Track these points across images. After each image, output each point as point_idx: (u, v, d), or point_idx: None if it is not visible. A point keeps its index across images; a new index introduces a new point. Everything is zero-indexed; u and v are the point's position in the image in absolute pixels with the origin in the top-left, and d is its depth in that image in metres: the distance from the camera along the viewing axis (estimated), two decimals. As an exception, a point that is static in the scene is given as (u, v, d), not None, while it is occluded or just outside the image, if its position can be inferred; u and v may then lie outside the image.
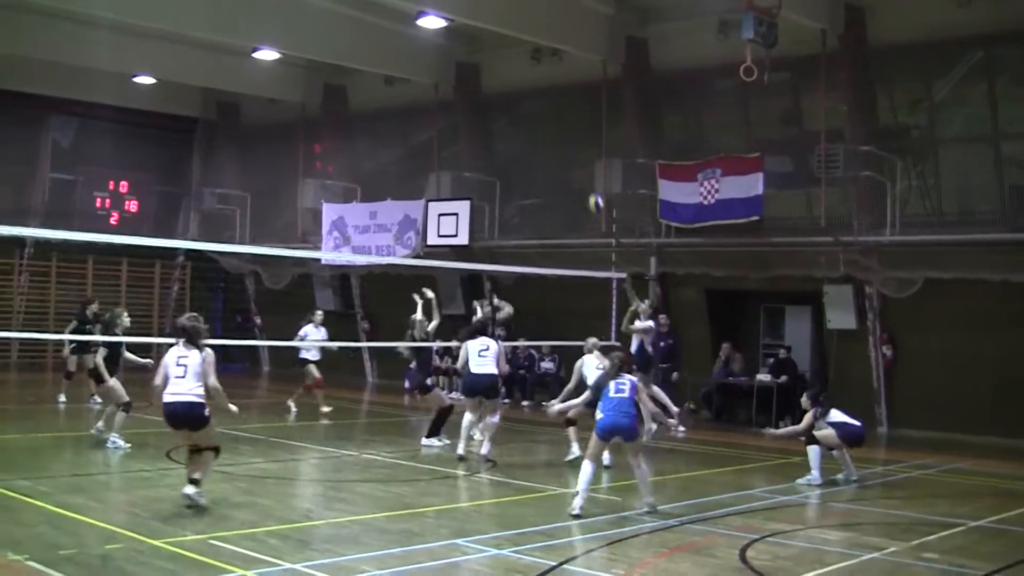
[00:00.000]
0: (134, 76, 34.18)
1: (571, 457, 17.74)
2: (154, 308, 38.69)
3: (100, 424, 19.09)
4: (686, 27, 27.07)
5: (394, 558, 10.92)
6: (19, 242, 34.77)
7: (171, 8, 26.41)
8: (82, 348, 23.81)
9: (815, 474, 16.74)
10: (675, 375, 25.11)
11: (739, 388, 26.26)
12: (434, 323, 20.51)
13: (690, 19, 26.74)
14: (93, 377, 22.69)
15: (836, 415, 17.09)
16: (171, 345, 13.38)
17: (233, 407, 13.33)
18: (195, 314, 13.97)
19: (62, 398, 24.78)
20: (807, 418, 17.05)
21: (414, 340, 20.34)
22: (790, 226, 25.60)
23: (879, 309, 24.70)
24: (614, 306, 24.72)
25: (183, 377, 12.93)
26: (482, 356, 18.24)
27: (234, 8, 27.12)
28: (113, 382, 18.50)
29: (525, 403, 28.80)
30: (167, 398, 12.95)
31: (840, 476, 17.11)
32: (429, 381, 20.55)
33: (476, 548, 11.47)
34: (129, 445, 17.73)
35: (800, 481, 16.71)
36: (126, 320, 19.24)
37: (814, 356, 26.72)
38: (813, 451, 16.84)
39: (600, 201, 25.89)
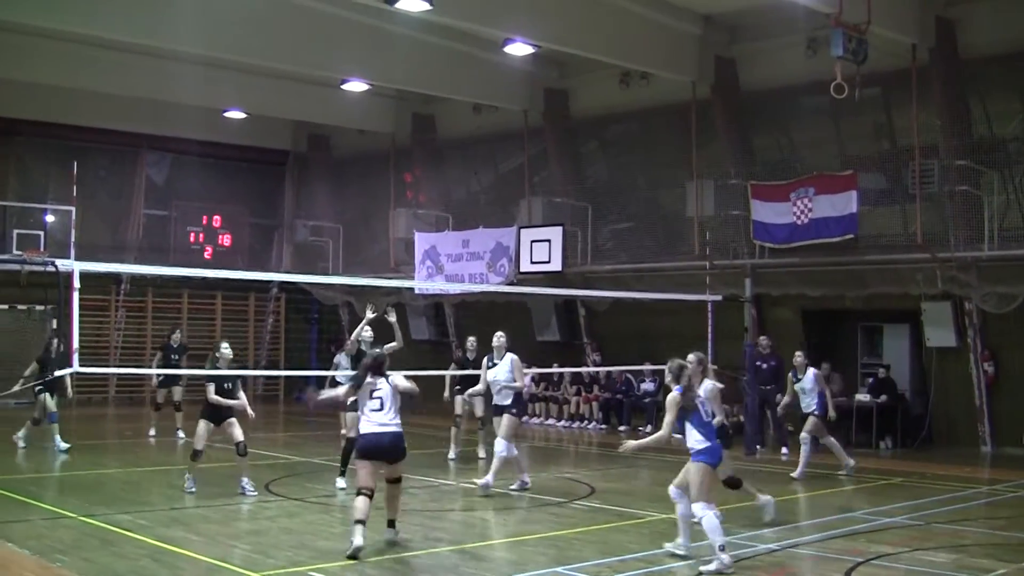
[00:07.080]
0: (225, 111, 34.72)
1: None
2: (249, 341, 38.97)
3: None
4: (775, 46, 26.97)
5: (494, 587, 10.87)
6: (115, 278, 35.27)
7: (260, 43, 26.59)
8: (169, 380, 24.43)
9: None
10: (779, 397, 24.59)
11: (838, 408, 25.85)
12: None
13: (778, 37, 26.58)
14: (178, 409, 23.09)
15: None
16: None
17: None
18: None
19: (152, 432, 25.06)
20: None
21: None
22: (886, 243, 25.23)
23: (979, 326, 24.30)
24: (711, 328, 24.58)
25: (380, 409, 12.90)
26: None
27: (322, 41, 27.23)
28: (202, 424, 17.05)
29: (622, 428, 28.61)
30: (367, 428, 12.91)
31: None
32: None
33: (576, 576, 11.40)
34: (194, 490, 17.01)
35: None
36: (228, 353, 17.25)
37: (914, 375, 26.31)
38: None
39: None
